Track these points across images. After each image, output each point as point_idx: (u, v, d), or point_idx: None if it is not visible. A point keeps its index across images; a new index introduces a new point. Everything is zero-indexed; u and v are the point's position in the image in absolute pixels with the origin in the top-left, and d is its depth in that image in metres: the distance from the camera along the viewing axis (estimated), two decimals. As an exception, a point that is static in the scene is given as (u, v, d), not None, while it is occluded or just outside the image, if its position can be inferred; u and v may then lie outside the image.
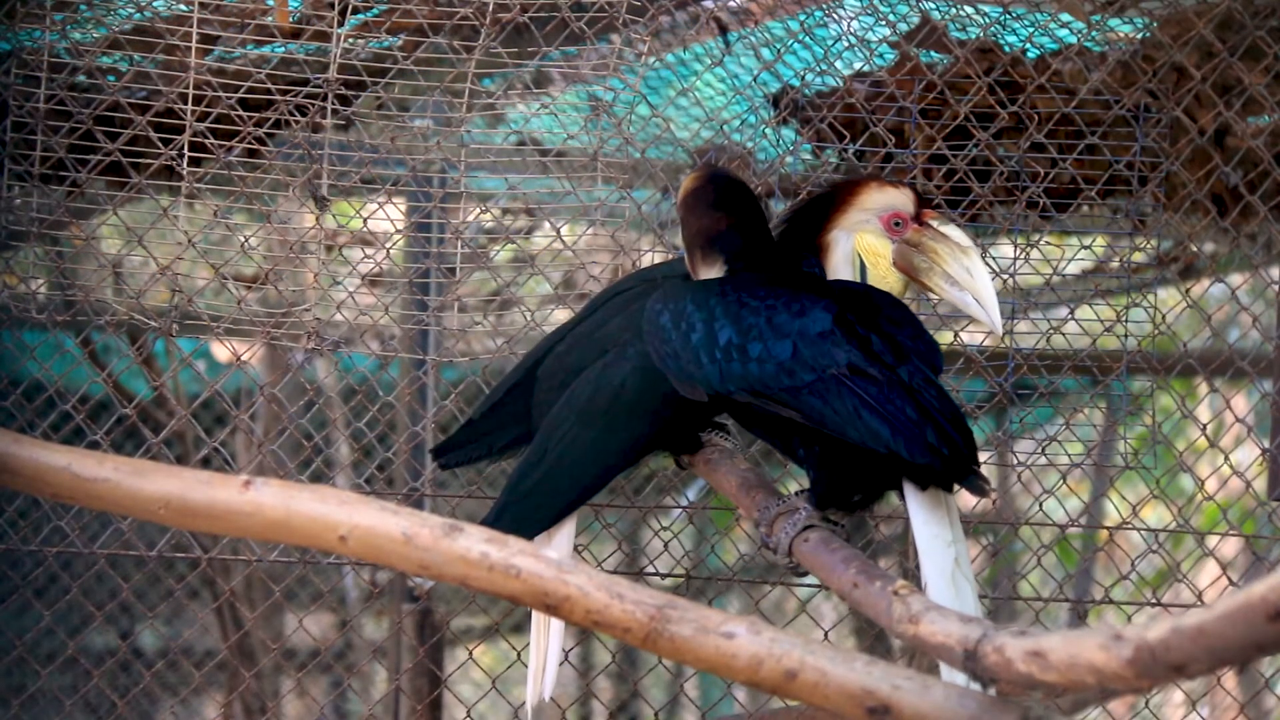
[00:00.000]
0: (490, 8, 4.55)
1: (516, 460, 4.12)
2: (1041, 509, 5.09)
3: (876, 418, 3.47)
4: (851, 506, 3.69)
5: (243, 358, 4.85)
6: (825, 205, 3.86)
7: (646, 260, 4.86)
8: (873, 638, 7.30)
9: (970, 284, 3.80)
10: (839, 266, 3.83)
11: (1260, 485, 5.48)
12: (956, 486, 3.52)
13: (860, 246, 3.84)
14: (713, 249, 3.80)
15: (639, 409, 3.93)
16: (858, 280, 3.83)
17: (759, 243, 3.81)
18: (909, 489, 3.53)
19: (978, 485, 3.50)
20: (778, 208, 4.68)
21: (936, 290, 3.82)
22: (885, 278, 3.83)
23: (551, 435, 3.97)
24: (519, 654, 4.93)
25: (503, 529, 2.90)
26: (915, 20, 4.87)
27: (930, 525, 3.50)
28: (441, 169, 4.79)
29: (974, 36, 4.85)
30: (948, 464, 3.46)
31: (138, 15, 4.64)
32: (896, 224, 3.83)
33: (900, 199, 3.83)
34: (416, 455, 5.11)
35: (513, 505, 3.94)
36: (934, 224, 3.82)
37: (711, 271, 3.80)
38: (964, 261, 3.80)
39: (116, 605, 5.13)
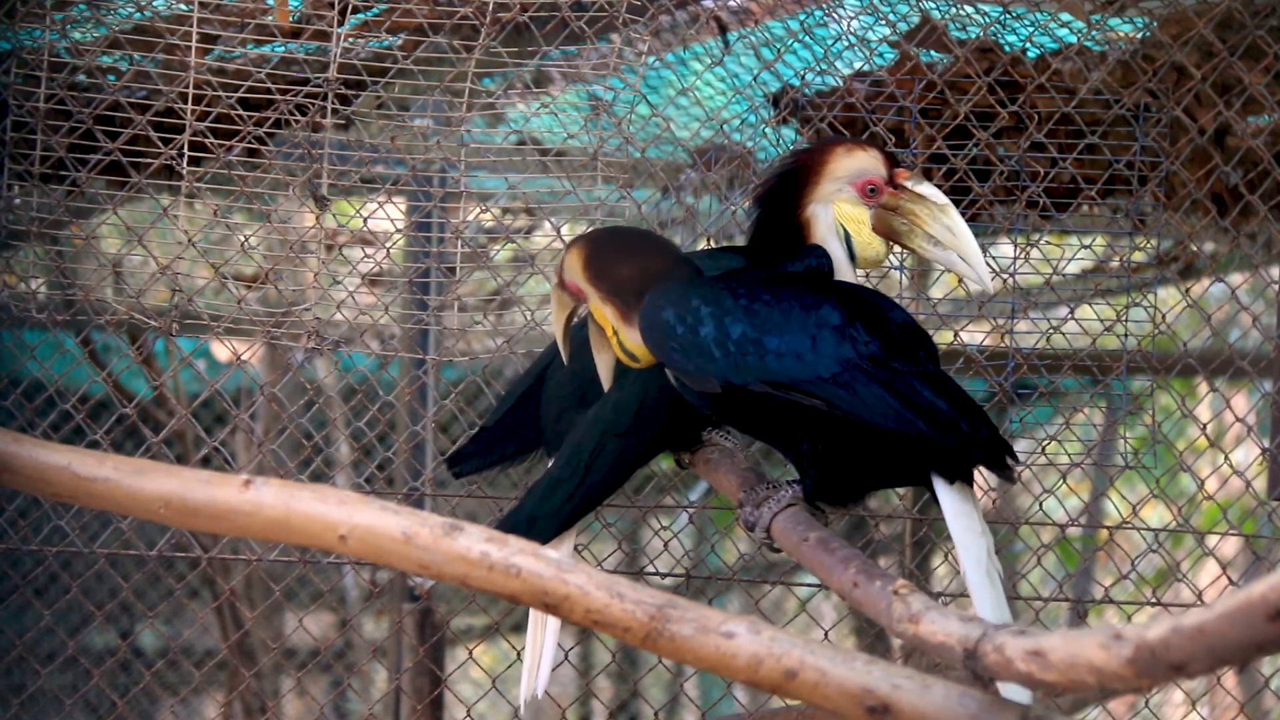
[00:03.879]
0: (490, 7, 4.55)
1: (533, 468, 4.12)
2: (1041, 509, 5.09)
3: (909, 409, 3.49)
4: (844, 501, 3.71)
5: (243, 357, 4.85)
6: (795, 180, 3.84)
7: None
8: (873, 637, 7.30)
9: (953, 242, 3.78)
10: (825, 239, 3.81)
11: (1260, 485, 5.48)
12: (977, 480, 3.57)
13: (840, 216, 3.82)
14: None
15: (661, 409, 3.90)
16: (844, 249, 3.82)
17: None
18: (938, 483, 3.55)
19: (1010, 473, 3.57)
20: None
21: (920, 251, 3.80)
22: (870, 244, 3.82)
23: (581, 452, 3.94)
24: (519, 654, 4.93)
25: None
26: (915, 20, 4.86)
27: (962, 517, 3.53)
28: (441, 169, 4.78)
29: (974, 36, 4.85)
30: (985, 449, 3.50)
31: (138, 15, 4.64)
32: (871, 190, 3.80)
33: (870, 163, 3.80)
34: (416, 455, 5.11)
35: (543, 520, 3.91)
36: (908, 184, 3.79)
37: None
38: (943, 220, 3.78)
39: (116, 605, 5.13)
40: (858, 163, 3.80)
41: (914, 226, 3.80)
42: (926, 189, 3.78)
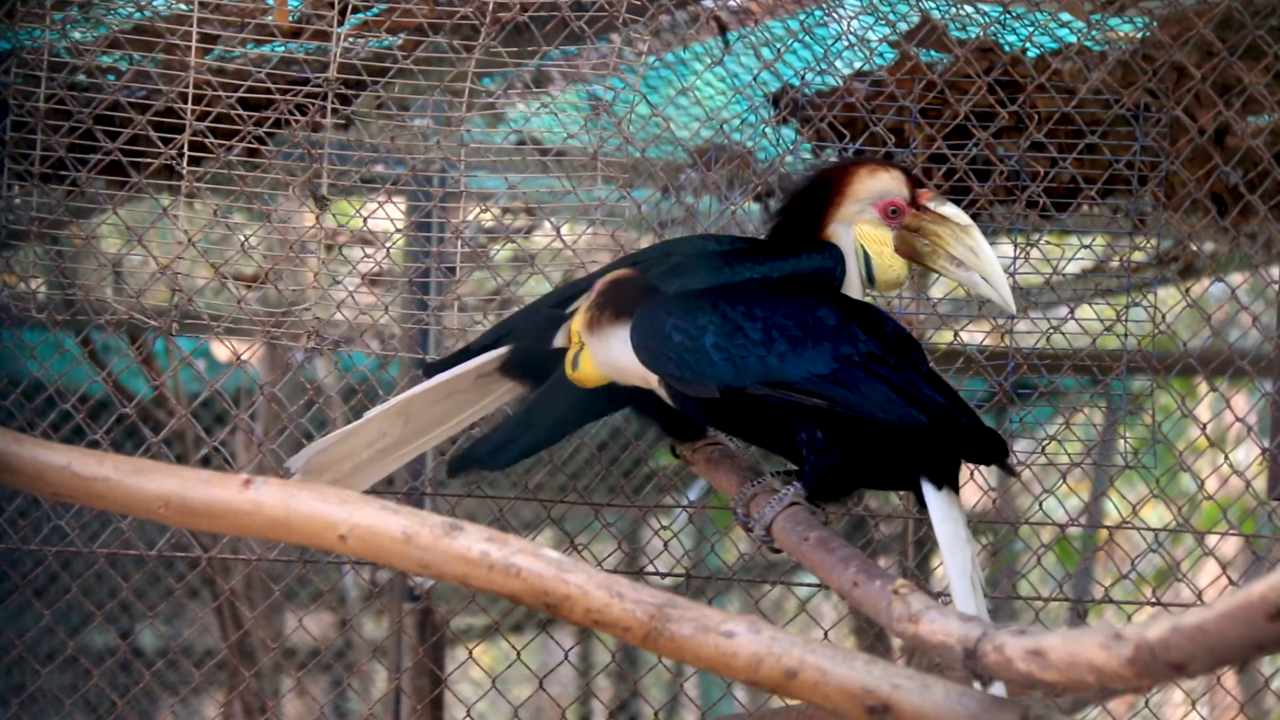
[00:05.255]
0: (490, 7, 4.55)
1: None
2: (1041, 509, 5.09)
3: (910, 403, 3.51)
4: (843, 499, 3.74)
5: (243, 357, 4.85)
6: (818, 199, 3.84)
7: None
8: (873, 637, 7.29)
9: (976, 263, 3.79)
10: (844, 259, 3.83)
11: (1260, 485, 5.47)
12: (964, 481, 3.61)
13: (861, 237, 3.83)
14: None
15: None
16: (862, 270, 3.83)
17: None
18: (928, 488, 3.58)
19: (1010, 465, 3.64)
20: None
21: (942, 272, 3.82)
22: (891, 266, 3.83)
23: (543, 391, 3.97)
24: (519, 653, 4.94)
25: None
26: (915, 19, 4.86)
27: (948, 523, 3.57)
28: (441, 168, 4.78)
29: (974, 36, 4.85)
30: (986, 443, 3.54)
31: (138, 15, 4.64)
32: (893, 211, 3.81)
33: (893, 184, 3.82)
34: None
35: (505, 447, 3.91)
36: (931, 205, 3.81)
37: None
38: (966, 241, 3.80)
39: (116, 605, 5.12)
40: (880, 184, 3.81)
41: (937, 247, 3.81)
42: (949, 210, 3.79)
